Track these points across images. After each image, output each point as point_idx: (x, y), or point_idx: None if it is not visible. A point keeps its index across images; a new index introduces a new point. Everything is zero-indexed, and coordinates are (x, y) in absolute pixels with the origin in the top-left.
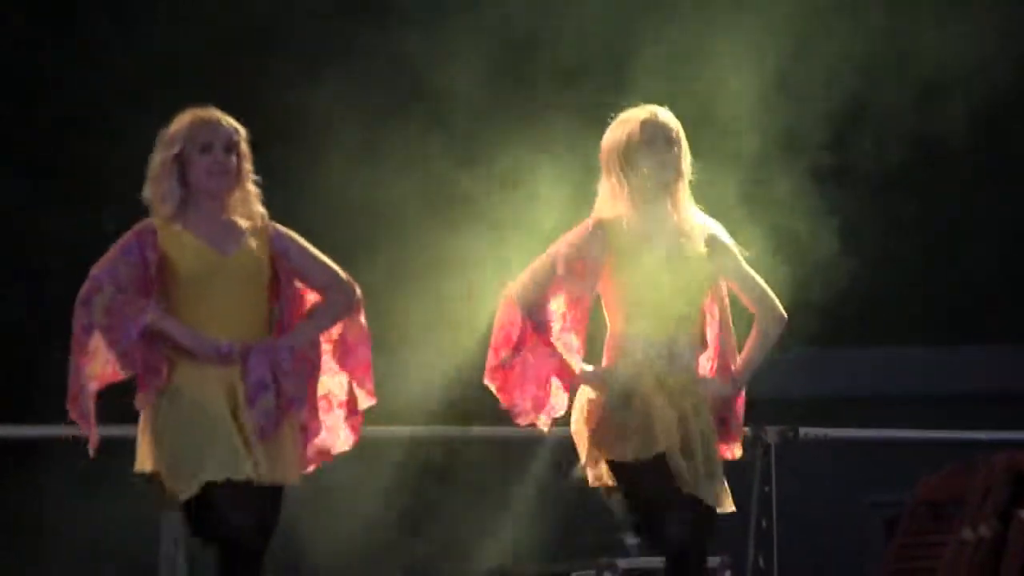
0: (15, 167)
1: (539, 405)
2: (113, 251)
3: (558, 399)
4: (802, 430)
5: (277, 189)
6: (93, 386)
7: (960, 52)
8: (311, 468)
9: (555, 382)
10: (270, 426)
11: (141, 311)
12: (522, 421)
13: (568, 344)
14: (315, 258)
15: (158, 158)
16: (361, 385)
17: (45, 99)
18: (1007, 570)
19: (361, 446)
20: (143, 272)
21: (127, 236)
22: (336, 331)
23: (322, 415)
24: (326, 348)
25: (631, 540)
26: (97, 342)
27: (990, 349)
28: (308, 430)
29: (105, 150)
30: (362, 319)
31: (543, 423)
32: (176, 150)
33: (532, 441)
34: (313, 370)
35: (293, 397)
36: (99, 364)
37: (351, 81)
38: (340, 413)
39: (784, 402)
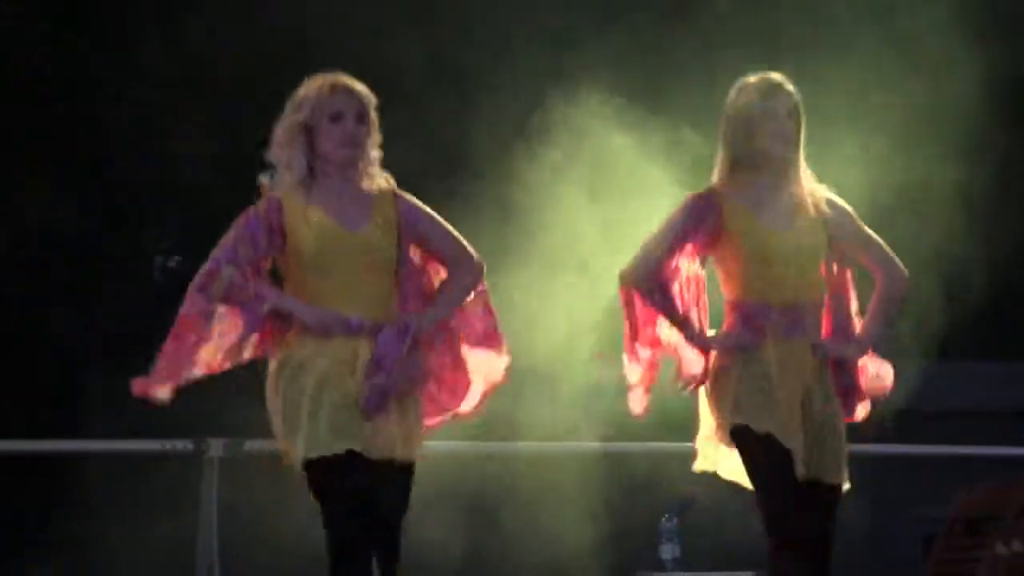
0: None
1: (646, 380)
2: (235, 228)
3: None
4: None
5: None
6: (198, 372)
7: None
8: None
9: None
10: (375, 405)
11: (260, 297)
12: (636, 404)
13: (688, 315)
14: (445, 229)
15: (284, 123)
16: (494, 348)
17: (96, 117)
18: None
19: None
20: (266, 249)
21: (250, 210)
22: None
23: (454, 386)
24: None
25: (667, 555)
26: (218, 328)
27: None
28: (438, 402)
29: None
30: (485, 291)
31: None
32: (304, 116)
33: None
34: (445, 345)
35: (415, 376)
36: (212, 351)
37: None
38: (479, 383)
39: None
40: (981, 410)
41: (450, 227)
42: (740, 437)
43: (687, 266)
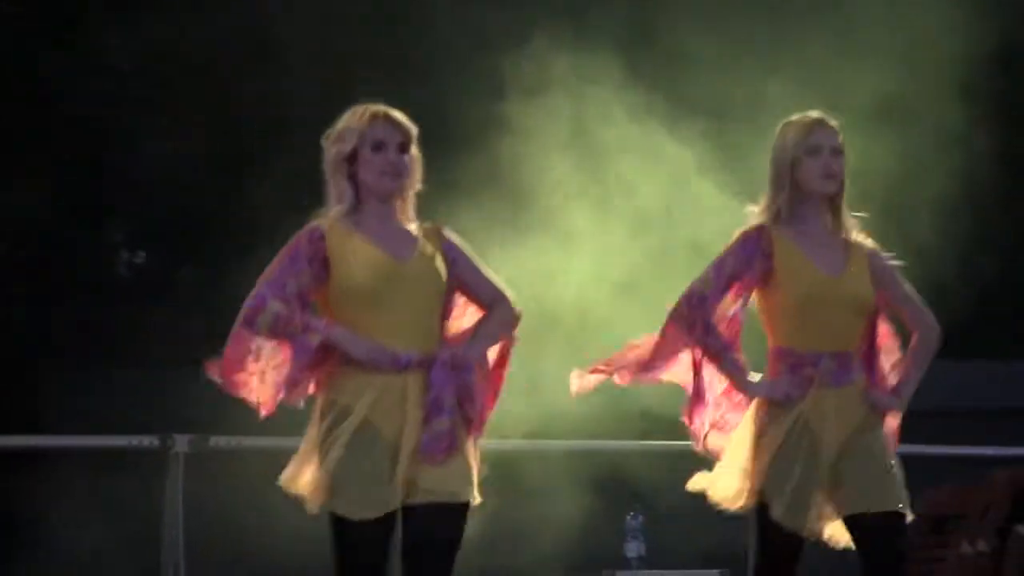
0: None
1: (716, 424)
2: (278, 260)
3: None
4: None
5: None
6: (264, 411)
7: None
8: None
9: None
10: (440, 450)
11: (309, 328)
12: (700, 446)
13: (735, 360)
14: (483, 271)
15: (328, 155)
16: (484, 409)
17: (56, 113)
18: None
19: None
20: (311, 281)
21: (293, 242)
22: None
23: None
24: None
25: (632, 553)
26: (270, 362)
27: (992, 365)
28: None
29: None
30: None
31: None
32: (346, 147)
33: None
34: (485, 385)
35: (473, 417)
36: (269, 388)
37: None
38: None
39: None
40: (942, 409)
41: (487, 269)
42: (760, 512)
43: (729, 306)
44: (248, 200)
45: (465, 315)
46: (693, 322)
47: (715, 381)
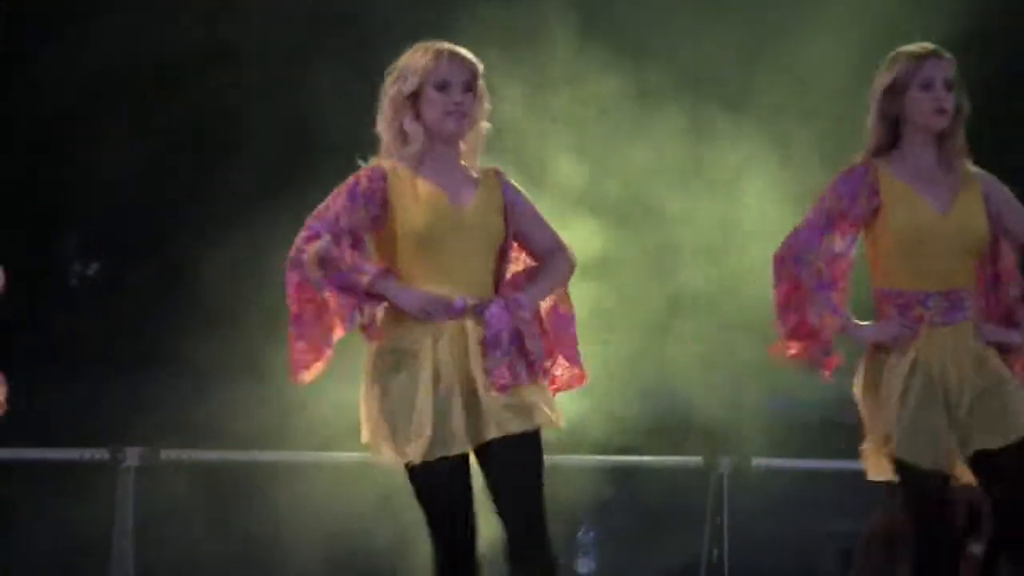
0: None
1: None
2: (333, 197)
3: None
4: (755, 460)
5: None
6: (337, 335)
7: None
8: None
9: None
10: (503, 381)
11: (359, 270)
12: (826, 371)
13: (829, 299)
14: (541, 218)
15: (389, 93)
16: (573, 362)
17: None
18: None
19: None
20: (366, 221)
21: (352, 180)
22: (549, 300)
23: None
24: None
25: (583, 569)
26: (308, 300)
27: None
28: (557, 378)
29: (53, 172)
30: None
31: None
32: (408, 86)
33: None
34: (556, 332)
35: (536, 356)
36: (308, 329)
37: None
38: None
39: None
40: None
41: (544, 218)
42: (899, 466)
43: (838, 246)
44: (201, 212)
45: (519, 262)
46: (782, 257)
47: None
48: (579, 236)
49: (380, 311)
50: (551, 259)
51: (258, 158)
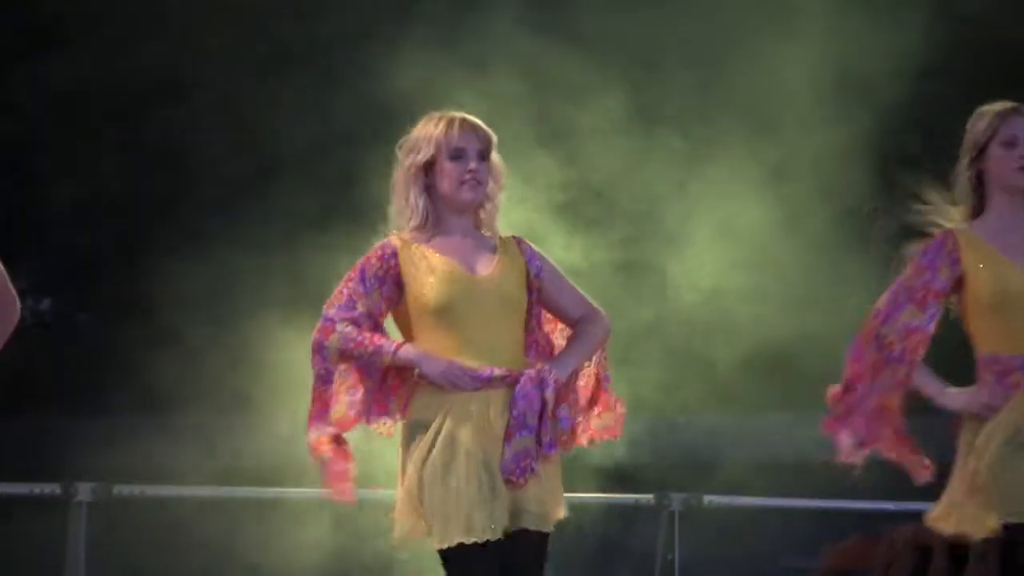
0: None
1: (871, 438)
2: (346, 281)
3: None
4: (706, 497)
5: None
6: (332, 430)
7: None
8: None
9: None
10: (522, 470)
11: (379, 350)
12: (847, 457)
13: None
14: (569, 284)
15: (401, 167)
16: (609, 413)
17: None
18: None
19: None
20: (382, 302)
21: (362, 263)
22: (591, 367)
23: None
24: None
25: None
26: (337, 386)
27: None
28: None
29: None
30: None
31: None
32: (424, 156)
33: None
34: (577, 401)
35: (564, 428)
36: (342, 409)
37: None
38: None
39: (693, 468)
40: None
41: (572, 282)
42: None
43: (917, 320)
44: (155, 246)
45: (556, 329)
46: (865, 337)
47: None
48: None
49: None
50: (583, 325)
51: (214, 192)
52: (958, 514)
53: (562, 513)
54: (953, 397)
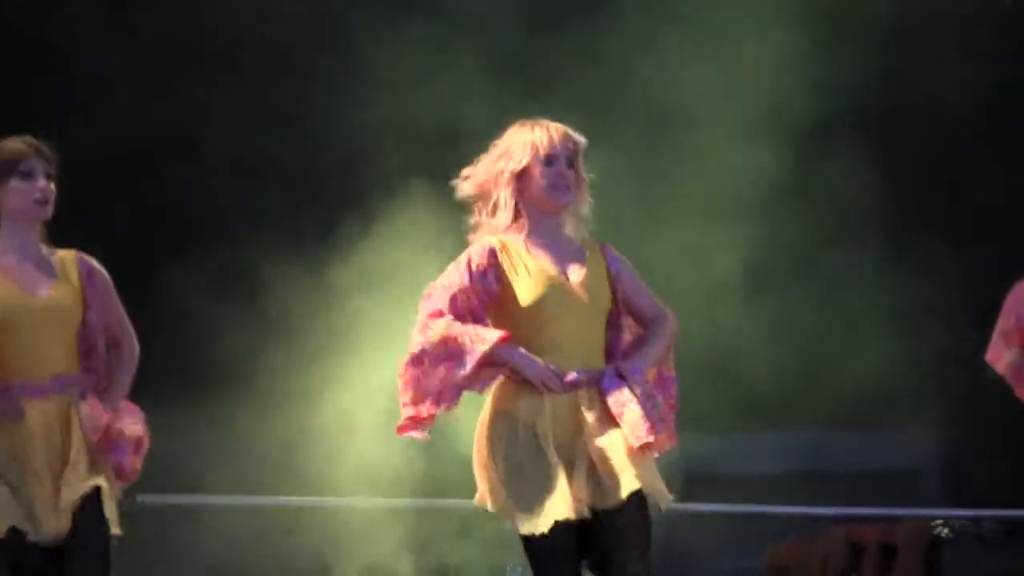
0: None
1: None
2: (448, 275)
3: None
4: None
5: None
6: (427, 411)
7: None
8: None
9: None
10: (648, 431)
11: (482, 340)
12: None
13: None
14: (644, 287)
15: (493, 169)
16: (669, 423)
17: None
18: None
19: None
20: (483, 296)
21: (466, 258)
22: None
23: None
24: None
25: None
26: (432, 371)
27: (863, 433)
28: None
29: None
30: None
31: None
32: (518, 162)
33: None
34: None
35: (658, 414)
36: (427, 394)
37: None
38: None
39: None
40: (777, 472)
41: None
42: None
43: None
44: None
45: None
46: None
47: None
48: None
49: (495, 376)
50: (655, 326)
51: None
52: None
53: (663, 495)
54: None
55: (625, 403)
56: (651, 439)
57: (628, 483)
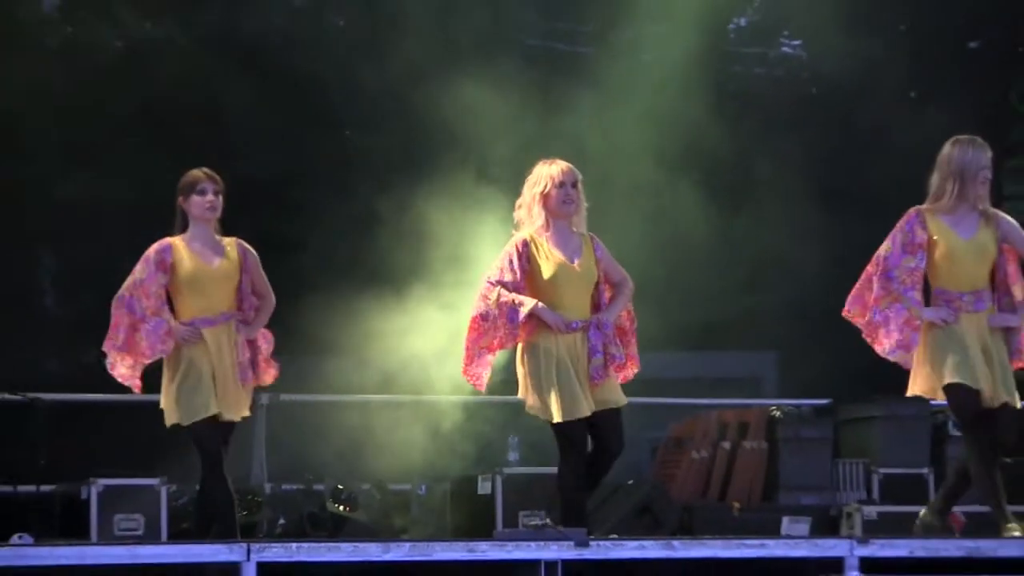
0: None
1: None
2: (501, 258)
3: None
4: None
5: None
6: (488, 353)
7: None
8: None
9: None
10: (600, 375)
11: (522, 304)
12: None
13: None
14: (614, 261)
15: (531, 192)
16: (631, 354)
17: None
18: (715, 477)
19: None
20: (521, 272)
21: (511, 247)
22: (623, 313)
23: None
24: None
25: (511, 459)
26: (494, 323)
27: (727, 353)
28: (626, 368)
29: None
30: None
31: None
32: (542, 186)
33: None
34: (623, 334)
35: (615, 355)
36: (489, 338)
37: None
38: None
39: None
40: (687, 377)
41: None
42: (949, 390)
43: (911, 262)
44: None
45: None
46: (871, 275)
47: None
48: None
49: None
50: (620, 288)
51: None
52: (919, 382)
53: (624, 401)
54: (926, 311)
55: (595, 352)
56: (599, 382)
57: (605, 398)
